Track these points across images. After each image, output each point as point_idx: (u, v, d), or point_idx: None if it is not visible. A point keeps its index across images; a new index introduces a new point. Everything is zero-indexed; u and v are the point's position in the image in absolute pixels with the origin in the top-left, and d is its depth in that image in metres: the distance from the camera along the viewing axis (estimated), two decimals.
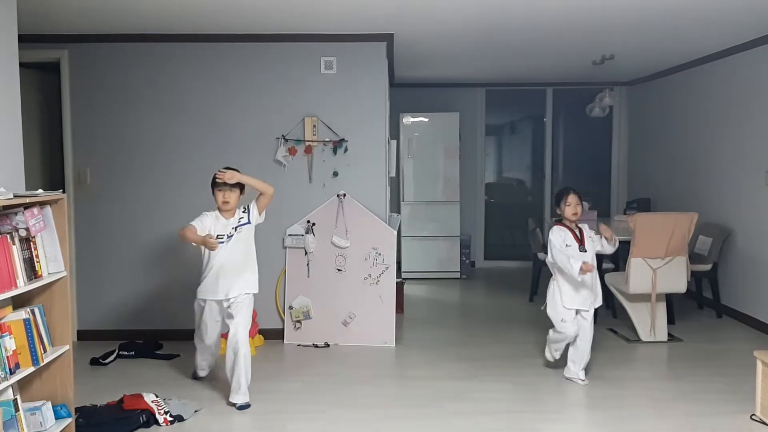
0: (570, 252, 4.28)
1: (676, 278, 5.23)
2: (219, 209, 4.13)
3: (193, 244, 4.06)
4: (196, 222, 4.03)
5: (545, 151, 9.10)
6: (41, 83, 5.66)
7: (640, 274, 5.20)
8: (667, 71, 7.43)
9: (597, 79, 8.18)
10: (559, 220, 4.45)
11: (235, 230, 4.14)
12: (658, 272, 5.18)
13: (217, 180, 4.09)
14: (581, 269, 4.17)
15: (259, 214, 4.25)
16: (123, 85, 5.39)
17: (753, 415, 3.82)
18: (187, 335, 5.29)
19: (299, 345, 5.34)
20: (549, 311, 4.43)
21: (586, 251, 4.33)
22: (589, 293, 4.35)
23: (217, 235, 4.04)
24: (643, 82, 8.24)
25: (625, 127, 8.88)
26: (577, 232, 4.38)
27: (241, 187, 4.11)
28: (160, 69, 5.39)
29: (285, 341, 5.39)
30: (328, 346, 5.32)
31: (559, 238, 4.32)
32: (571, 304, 4.33)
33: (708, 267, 6.05)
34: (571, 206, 4.33)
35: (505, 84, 8.73)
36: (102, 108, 5.39)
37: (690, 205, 6.58)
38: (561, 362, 4.57)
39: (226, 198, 4.06)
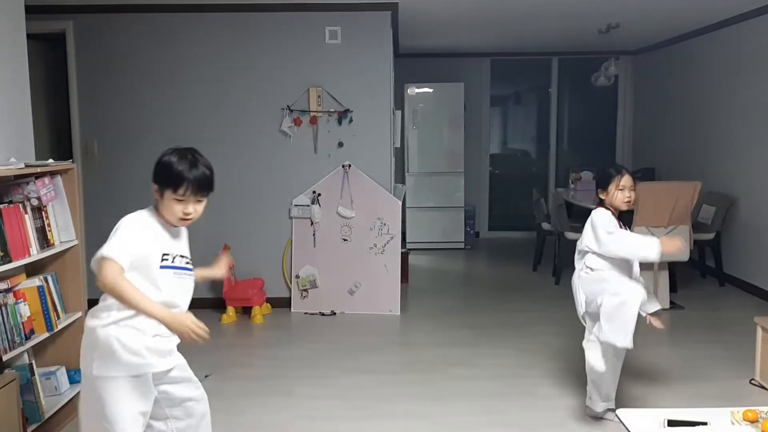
0: None
1: None
2: (164, 219, 2.30)
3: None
4: (121, 249, 2.16)
5: (550, 121, 9.09)
6: (47, 55, 5.67)
7: None
8: (672, 40, 7.38)
9: (602, 48, 8.14)
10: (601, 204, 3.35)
11: (188, 264, 2.42)
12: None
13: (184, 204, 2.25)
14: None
15: None
16: (128, 56, 5.40)
17: (752, 379, 3.90)
18: (195, 303, 5.38)
19: (306, 313, 5.43)
20: (607, 330, 3.14)
21: None
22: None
23: (164, 255, 2.28)
24: (648, 51, 8.19)
25: (630, 97, 8.85)
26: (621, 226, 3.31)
27: (212, 189, 2.31)
28: (164, 40, 5.39)
29: (292, 309, 5.47)
30: (335, 314, 5.40)
31: (610, 219, 3.23)
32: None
33: (711, 236, 6.08)
34: (625, 191, 3.25)
35: (510, 54, 8.69)
36: (108, 80, 5.41)
37: (694, 175, 6.59)
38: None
39: (189, 210, 2.26)
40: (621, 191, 3.25)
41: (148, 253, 2.22)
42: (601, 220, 3.22)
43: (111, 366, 2.16)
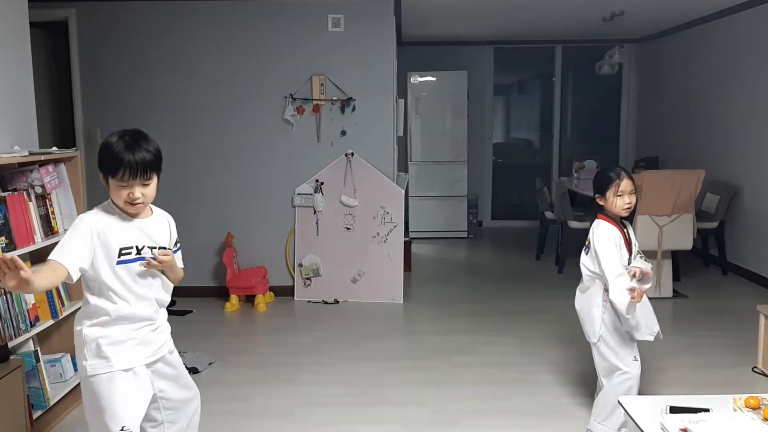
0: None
1: (682, 235, 5.27)
2: (117, 208, 2.19)
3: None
4: (63, 252, 2.06)
5: (553, 110, 9.07)
6: (49, 43, 5.67)
7: (646, 231, 5.23)
8: (676, 28, 7.35)
9: (607, 36, 8.10)
10: (601, 212, 3.01)
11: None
12: (665, 229, 5.22)
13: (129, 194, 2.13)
14: (631, 295, 2.77)
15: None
16: (131, 43, 5.39)
17: (755, 367, 3.91)
18: (199, 291, 5.41)
19: (309, 301, 5.44)
20: (603, 348, 3.00)
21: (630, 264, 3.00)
22: (652, 313, 3.03)
23: (122, 250, 2.14)
24: (652, 39, 8.15)
25: (634, 85, 8.81)
26: (626, 233, 3.01)
27: (158, 169, 2.19)
28: (167, 27, 5.38)
29: (295, 298, 5.48)
30: (338, 302, 5.42)
31: (612, 239, 2.91)
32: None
33: (714, 225, 6.08)
34: (624, 197, 2.91)
35: (514, 42, 8.66)
36: (110, 67, 5.40)
37: (698, 163, 6.57)
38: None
39: (135, 195, 2.13)
40: (620, 197, 2.91)
41: (97, 253, 2.11)
42: (603, 249, 2.89)
43: (103, 363, 2.13)
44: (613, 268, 2.85)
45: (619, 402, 2.53)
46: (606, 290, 2.95)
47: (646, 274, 2.95)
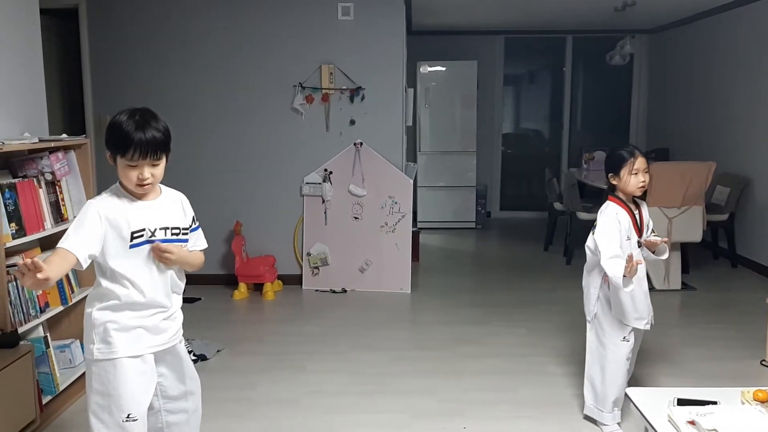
0: (626, 249, 2.89)
1: (691, 228, 5.24)
2: (126, 190, 2.17)
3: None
4: (72, 240, 2.03)
5: (563, 101, 9.01)
6: (60, 29, 5.67)
7: (655, 223, 5.14)
8: (689, 19, 7.27)
9: (618, 26, 8.04)
10: (612, 193, 3.02)
11: (178, 235, 2.24)
12: (674, 221, 5.20)
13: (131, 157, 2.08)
14: (626, 268, 2.71)
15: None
16: (140, 31, 5.39)
17: (763, 360, 3.89)
18: (208, 279, 5.42)
19: (317, 290, 5.45)
20: (596, 326, 3.09)
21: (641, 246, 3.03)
22: (647, 300, 3.09)
23: (134, 233, 2.11)
24: (664, 29, 8.08)
25: (645, 76, 8.75)
26: (637, 216, 3.02)
27: (167, 149, 2.16)
28: (176, 14, 5.37)
29: (303, 287, 5.50)
30: (345, 291, 5.43)
31: (615, 222, 2.91)
32: (632, 317, 3.01)
33: (724, 217, 6.04)
34: (639, 175, 2.92)
35: (524, 32, 8.60)
36: (120, 54, 5.41)
37: (709, 155, 6.53)
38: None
39: (145, 175, 2.10)
40: (634, 176, 2.91)
41: (108, 239, 2.08)
42: (602, 230, 2.91)
43: (110, 348, 2.12)
44: (608, 249, 2.86)
45: (626, 394, 2.52)
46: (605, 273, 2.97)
47: (658, 244, 2.98)
